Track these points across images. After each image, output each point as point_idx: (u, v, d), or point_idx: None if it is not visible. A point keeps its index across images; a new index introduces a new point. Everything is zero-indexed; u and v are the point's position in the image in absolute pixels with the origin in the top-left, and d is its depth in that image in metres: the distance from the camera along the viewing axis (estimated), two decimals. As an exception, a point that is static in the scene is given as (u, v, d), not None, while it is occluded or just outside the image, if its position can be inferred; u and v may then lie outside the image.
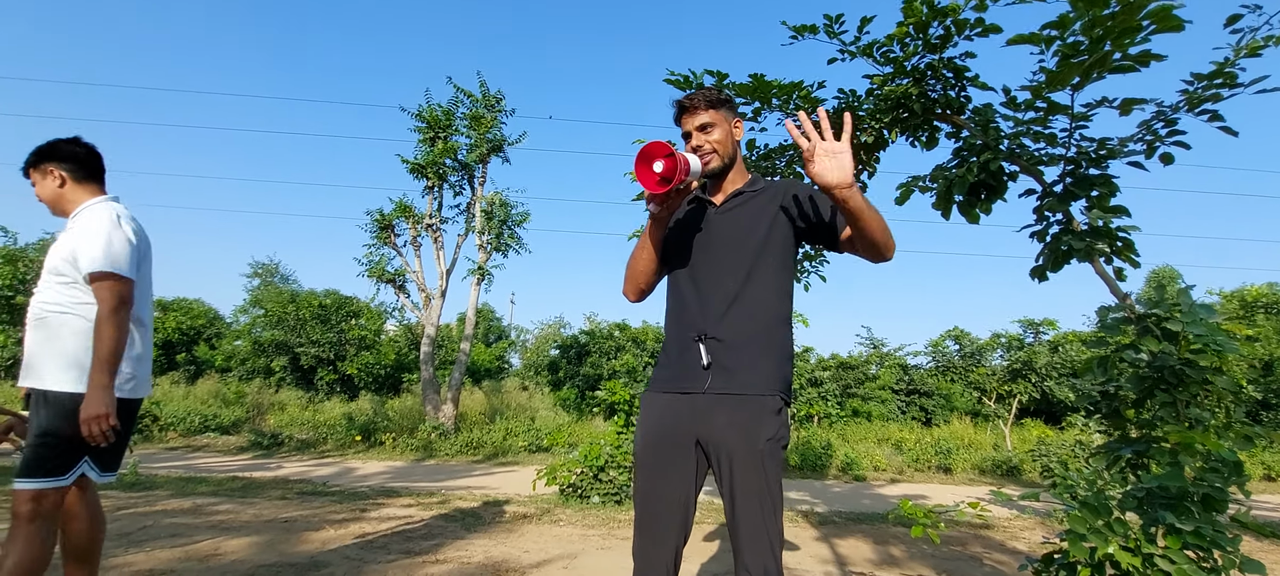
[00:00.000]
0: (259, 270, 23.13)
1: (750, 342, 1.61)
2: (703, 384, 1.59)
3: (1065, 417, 13.88)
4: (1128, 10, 1.99)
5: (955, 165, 2.79)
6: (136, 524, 4.00)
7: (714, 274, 1.69)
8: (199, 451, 9.81)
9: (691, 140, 1.75)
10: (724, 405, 1.57)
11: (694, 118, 1.74)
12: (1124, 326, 2.36)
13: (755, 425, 1.55)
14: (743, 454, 1.53)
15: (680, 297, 1.74)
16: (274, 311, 16.49)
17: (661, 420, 1.65)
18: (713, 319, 1.63)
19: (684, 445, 1.61)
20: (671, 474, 1.61)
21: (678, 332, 1.70)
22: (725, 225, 1.72)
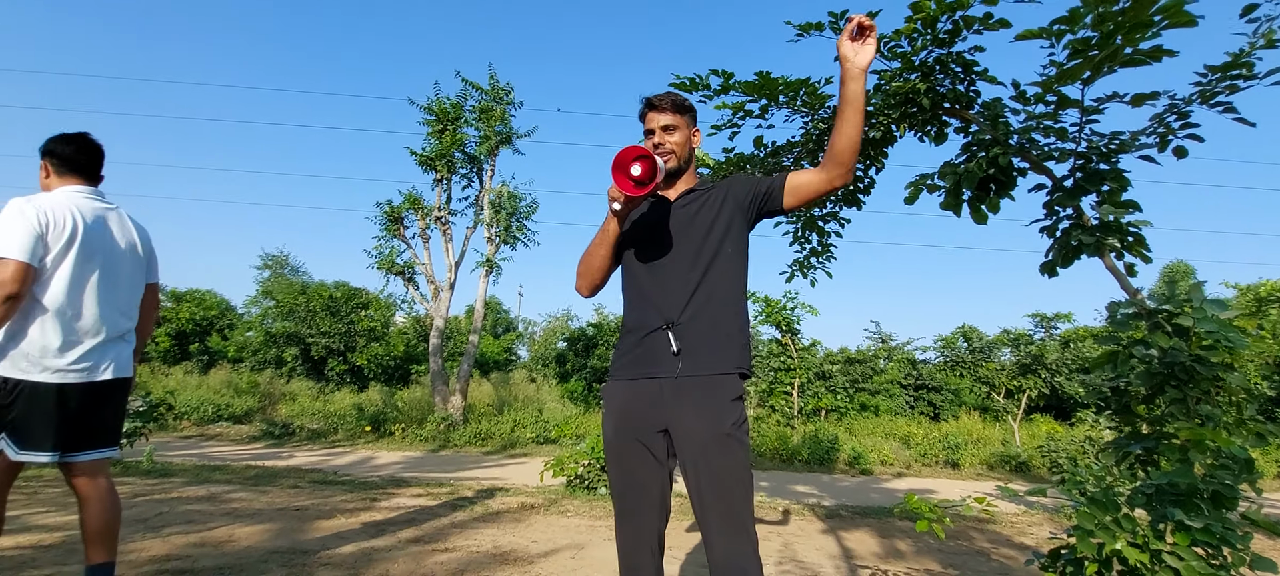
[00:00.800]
0: (269, 262, 23.32)
1: (714, 327, 1.70)
2: (674, 369, 1.66)
3: (1075, 414, 13.81)
4: (1139, 5, 1.98)
5: (964, 160, 2.78)
6: (153, 510, 4.07)
7: (675, 265, 1.76)
8: (212, 440, 9.94)
9: (653, 138, 1.84)
10: (692, 389, 1.65)
11: (660, 117, 1.84)
12: (1135, 322, 2.35)
13: (722, 408, 1.63)
14: (709, 436, 1.60)
15: (641, 289, 1.80)
16: (285, 303, 16.63)
17: (628, 407, 1.72)
18: (678, 307, 1.71)
19: (652, 431, 1.68)
20: (643, 459, 1.68)
21: (640, 321, 1.77)
22: (683, 219, 1.80)
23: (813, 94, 3.27)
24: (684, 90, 3.39)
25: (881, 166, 3.73)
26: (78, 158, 2.34)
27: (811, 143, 3.67)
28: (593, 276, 1.86)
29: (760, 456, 10.10)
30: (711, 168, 4.02)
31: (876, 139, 3.40)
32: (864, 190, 3.95)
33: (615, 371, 1.80)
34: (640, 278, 1.81)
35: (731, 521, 1.59)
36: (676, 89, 3.40)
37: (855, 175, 3.87)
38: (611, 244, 1.80)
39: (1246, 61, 2.31)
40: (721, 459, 1.59)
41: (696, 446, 1.61)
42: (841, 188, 1.74)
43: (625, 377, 1.76)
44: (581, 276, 1.87)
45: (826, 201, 4.12)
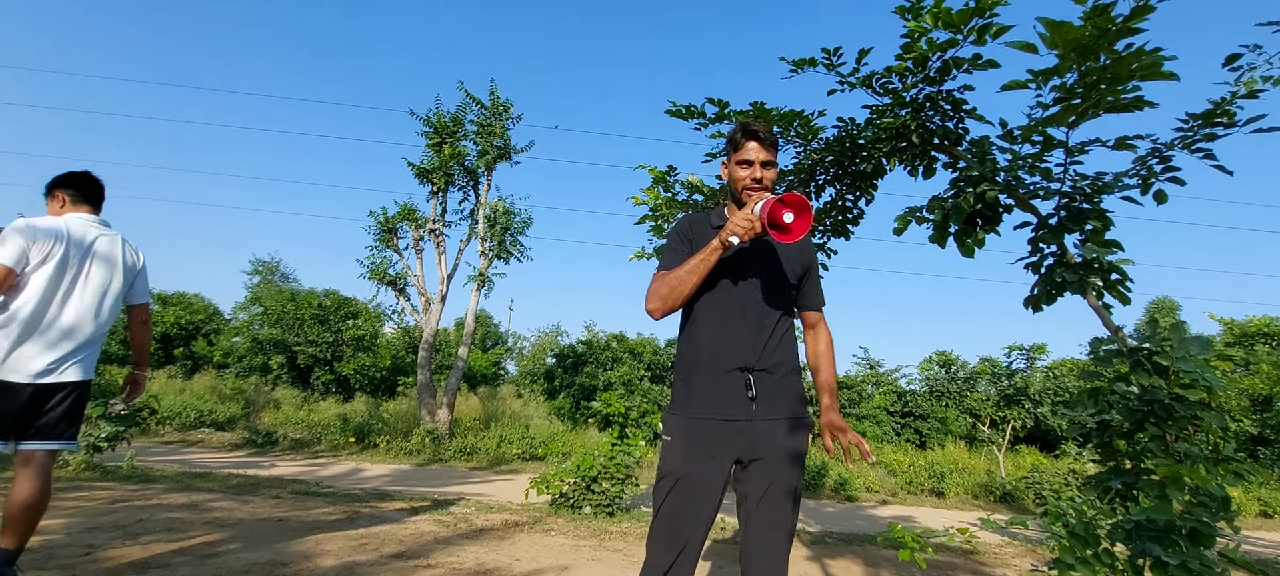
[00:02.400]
0: (260, 267, 23.18)
1: (788, 375, 1.80)
2: (749, 412, 1.73)
3: (1060, 445, 13.89)
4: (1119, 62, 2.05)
5: (953, 195, 2.85)
6: (133, 516, 4.01)
7: (752, 309, 1.80)
8: (193, 446, 9.80)
9: (753, 171, 1.82)
10: (772, 428, 1.74)
11: (763, 152, 1.82)
12: (1116, 359, 2.40)
13: (799, 443, 1.76)
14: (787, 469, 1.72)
15: (717, 330, 1.80)
16: (273, 310, 16.51)
17: (704, 444, 1.73)
18: (757, 353, 1.76)
19: (723, 467, 1.73)
20: (708, 492, 1.72)
21: (715, 362, 1.77)
22: (764, 264, 1.85)
23: (806, 125, 3.34)
24: (678, 117, 3.45)
25: (871, 198, 3.80)
26: (88, 190, 2.78)
27: (804, 172, 3.73)
28: (674, 303, 1.79)
29: (747, 479, 10.10)
30: (704, 194, 4.06)
31: (867, 171, 3.47)
32: (853, 221, 4.02)
33: (686, 405, 1.79)
34: (716, 315, 1.81)
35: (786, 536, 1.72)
36: (671, 115, 3.47)
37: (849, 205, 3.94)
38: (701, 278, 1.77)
39: (1227, 110, 2.39)
40: (790, 479, 1.73)
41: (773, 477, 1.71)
42: None
43: (696, 415, 1.76)
44: (661, 299, 1.80)
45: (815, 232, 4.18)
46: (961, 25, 2.60)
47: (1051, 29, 2.07)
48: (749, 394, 1.73)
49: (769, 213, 1.62)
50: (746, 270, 1.83)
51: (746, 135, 1.82)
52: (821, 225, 4.11)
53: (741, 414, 1.72)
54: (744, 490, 1.74)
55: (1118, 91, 2.15)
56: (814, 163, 3.63)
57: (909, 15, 2.79)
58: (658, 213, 4.16)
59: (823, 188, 3.85)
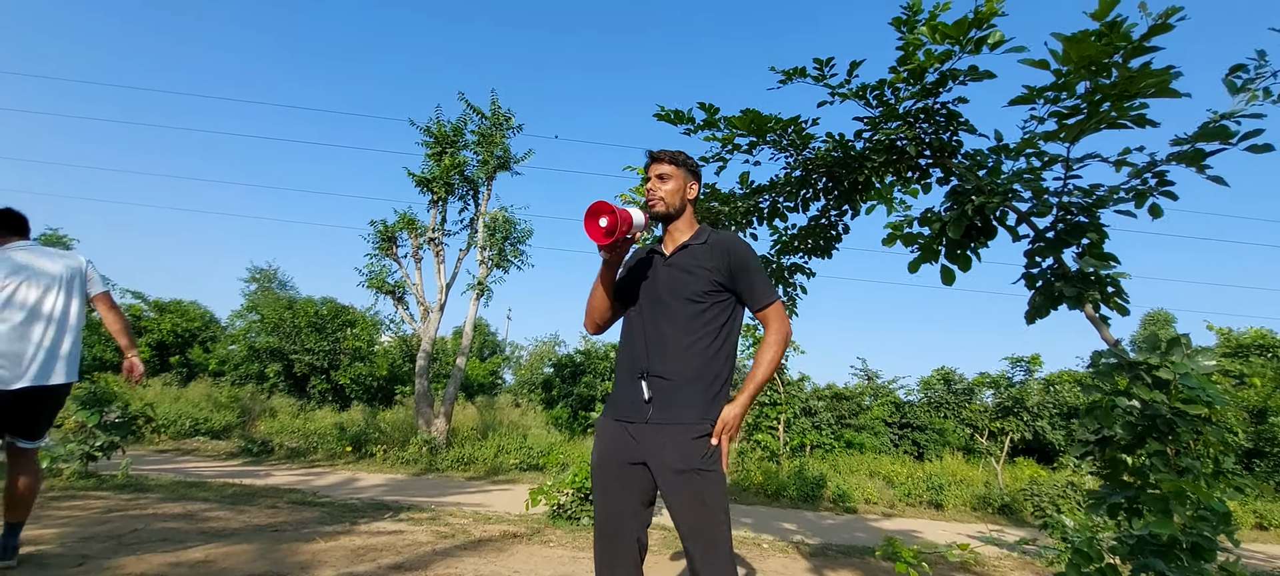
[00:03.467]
0: (257, 275, 23.13)
1: (686, 382, 1.84)
2: (644, 415, 1.83)
3: (1058, 457, 13.88)
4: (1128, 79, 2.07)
5: (948, 208, 2.85)
6: (128, 526, 3.98)
7: (656, 318, 1.92)
8: (188, 454, 9.74)
9: (648, 183, 2.03)
10: (662, 433, 1.80)
11: (657, 166, 2.03)
12: (1116, 372, 2.40)
13: (690, 447, 1.78)
14: (682, 473, 1.76)
15: (629, 336, 1.99)
16: (270, 318, 16.44)
17: (612, 442, 1.89)
18: (654, 359, 1.87)
19: (631, 463, 1.84)
20: (622, 487, 1.85)
21: (625, 367, 1.95)
22: (669, 275, 1.96)
23: (800, 132, 3.34)
24: (668, 122, 3.46)
25: (857, 212, 3.80)
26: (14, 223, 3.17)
27: (793, 183, 3.73)
28: (594, 316, 2.04)
29: (745, 491, 10.04)
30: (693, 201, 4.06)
31: (859, 184, 3.47)
32: (836, 238, 4.01)
33: (606, 408, 2.00)
34: (631, 325, 2.00)
35: (712, 554, 1.73)
36: (660, 119, 3.48)
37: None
38: (605, 289, 1.98)
39: (1221, 128, 2.40)
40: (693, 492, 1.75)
41: (671, 483, 1.78)
42: None
43: (610, 416, 1.95)
44: (587, 314, 2.06)
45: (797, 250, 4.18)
46: (959, 37, 2.61)
47: (1066, 44, 2.08)
48: (644, 397, 1.84)
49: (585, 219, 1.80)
50: (652, 282, 1.99)
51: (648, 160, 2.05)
52: (804, 244, 4.09)
53: (636, 416, 1.85)
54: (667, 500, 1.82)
55: (1124, 108, 2.16)
56: (805, 173, 3.63)
57: (904, 27, 2.81)
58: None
59: (811, 200, 3.84)
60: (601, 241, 1.79)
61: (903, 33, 2.82)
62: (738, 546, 5.20)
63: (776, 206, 3.84)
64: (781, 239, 4.12)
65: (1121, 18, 2.06)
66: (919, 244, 2.85)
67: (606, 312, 2.03)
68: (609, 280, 1.97)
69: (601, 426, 1.97)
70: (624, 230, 1.78)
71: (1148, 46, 2.07)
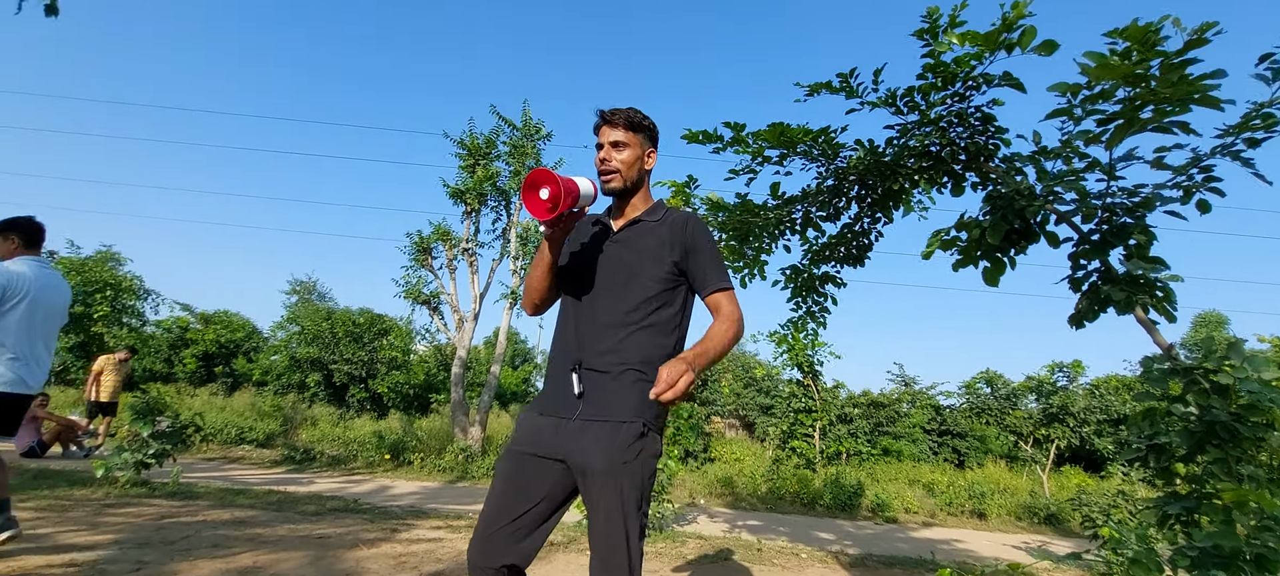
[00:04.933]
0: (298, 287, 23.84)
1: (624, 375, 1.62)
2: (574, 411, 1.62)
3: (1106, 465, 13.38)
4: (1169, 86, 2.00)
5: (988, 214, 2.78)
6: (180, 533, 4.12)
7: (599, 303, 1.70)
8: (235, 463, 10.04)
9: (600, 152, 1.78)
10: (590, 430, 1.58)
11: (611, 132, 1.76)
12: (1170, 378, 2.31)
13: (618, 447, 1.55)
14: (604, 473, 1.53)
15: (565, 322, 1.75)
16: (310, 328, 16.90)
17: (530, 434, 1.67)
18: (591, 349, 1.65)
19: (549, 461, 1.62)
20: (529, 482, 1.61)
21: (558, 358, 1.72)
22: (619, 253, 1.74)
23: (830, 143, 3.30)
24: (696, 142, 3.44)
25: (891, 220, 3.74)
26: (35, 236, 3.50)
27: (825, 193, 3.69)
28: (532, 296, 1.83)
29: (780, 500, 9.93)
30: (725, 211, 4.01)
31: (893, 191, 3.42)
32: (868, 247, 3.95)
33: (534, 401, 1.77)
34: (568, 310, 1.77)
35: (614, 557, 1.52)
36: (689, 141, 3.46)
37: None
38: (546, 268, 1.74)
39: (1268, 114, 2.30)
40: (610, 494, 1.53)
41: (590, 479, 1.56)
42: None
43: (535, 410, 1.71)
44: (525, 295, 1.85)
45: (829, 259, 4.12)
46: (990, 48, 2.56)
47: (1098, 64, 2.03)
48: (576, 391, 1.62)
49: (524, 188, 1.61)
50: (595, 265, 1.75)
51: (599, 119, 1.79)
52: (835, 253, 4.04)
53: (567, 411, 1.62)
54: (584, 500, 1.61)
55: (1162, 112, 2.10)
56: (838, 182, 3.59)
57: (928, 36, 2.76)
58: None
59: (844, 209, 3.79)
60: (543, 216, 1.57)
61: (927, 41, 2.78)
62: (774, 557, 5.14)
63: (809, 216, 3.80)
64: (813, 248, 4.08)
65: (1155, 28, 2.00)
66: (959, 249, 2.79)
67: (546, 292, 1.80)
68: (551, 258, 1.73)
69: (522, 420, 1.72)
70: (568, 203, 1.56)
71: (1185, 60, 2.01)
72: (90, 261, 12.11)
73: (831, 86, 2.99)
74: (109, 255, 12.51)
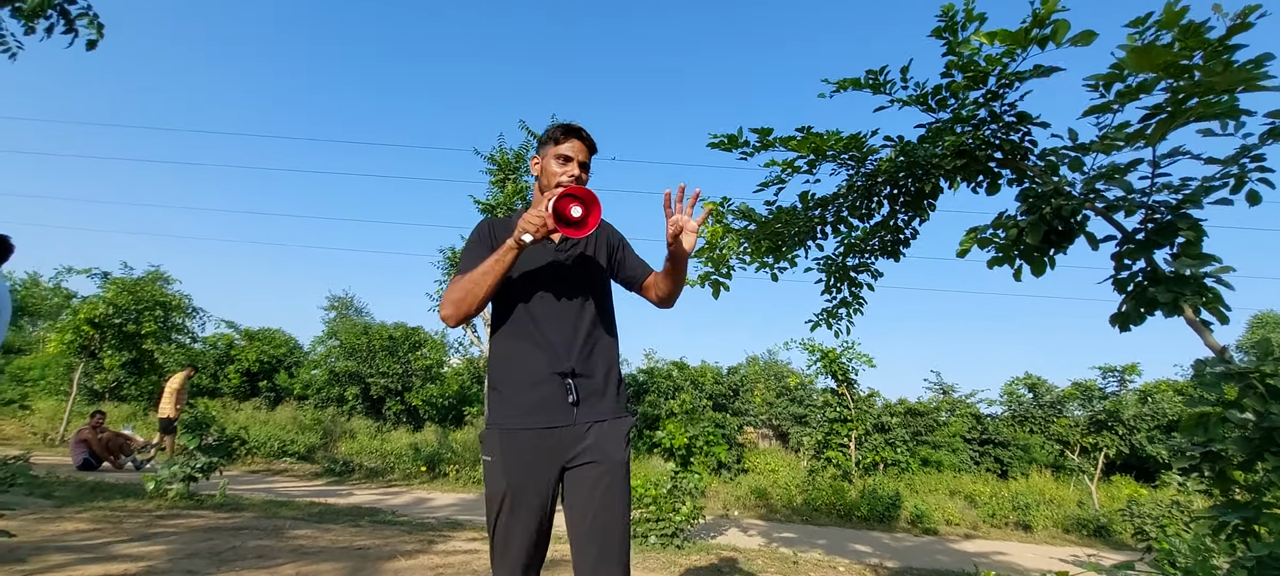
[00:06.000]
0: (335, 303, 24.45)
1: (607, 376, 1.79)
2: (570, 417, 1.69)
3: (1159, 474, 12.83)
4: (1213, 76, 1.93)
5: (1026, 213, 2.71)
6: (226, 543, 4.25)
7: (564, 311, 1.77)
8: (278, 475, 10.32)
9: (572, 168, 1.82)
10: (593, 430, 1.71)
11: (584, 152, 1.86)
12: (1223, 382, 2.22)
13: (619, 442, 1.72)
14: (613, 469, 1.68)
15: (529, 334, 1.74)
16: (348, 343, 17.30)
17: (528, 454, 1.67)
18: (574, 355, 1.73)
19: (550, 480, 1.68)
20: (537, 507, 1.66)
21: (530, 370, 1.71)
22: (571, 266, 1.83)
23: (861, 147, 3.26)
24: (721, 149, 3.42)
25: (926, 218, 3.67)
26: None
27: (854, 194, 3.64)
28: (471, 305, 1.69)
29: (816, 511, 9.76)
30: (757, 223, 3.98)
31: (926, 190, 3.35)
32: (904, 243, 3.88)
33: (505, 416, 1.71)
34: (526, 319, 1.75)
35: (621, 543, 1.65)
36: (714, 147, 3.45)
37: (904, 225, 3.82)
38: (500, 276, 1.67)
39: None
40: (617, 487, 1.67)
41: (597, 479, 1.66)
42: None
43: (518, 426, 1.68)
44: (454, 304, 1.69)
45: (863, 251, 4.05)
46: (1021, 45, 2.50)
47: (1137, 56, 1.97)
48: (570, 399, 1.69)
49: (556, 206, 1.60)
50: (557, 271, 1.79)
51: (567, 133, 1.84)
52: (869, 245, 3.97)
53: (562, 419, 1.68)
54: (572, 496, 1.67)
55: (1208, 103, 2.02)
56: (869, 184, 3.53)
57: (947, 33, 2.71)
58: (713, 245, 4.13)
59: (877, 208, 3.74)
60: (564, 231, 1.60)
61: (947, 39, 2.73)
62: (812, 570, 5.05)
63: (841, 216, 3.76)
64: (846, 240, 4.02)
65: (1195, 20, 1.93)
66: (996, 247, 2.72)
67: (486, 302, 1.72)
68: (509, 268, 1.68)
69: (504, 442, 1.68)
70: (594, 223, 1.62)
71: (1228, 45, 1.94)
72: (141, 281, 12.61)
73: (860, 83, 2.96)
74: (158, 275, 13.03)
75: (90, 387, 15.27)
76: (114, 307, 11.98)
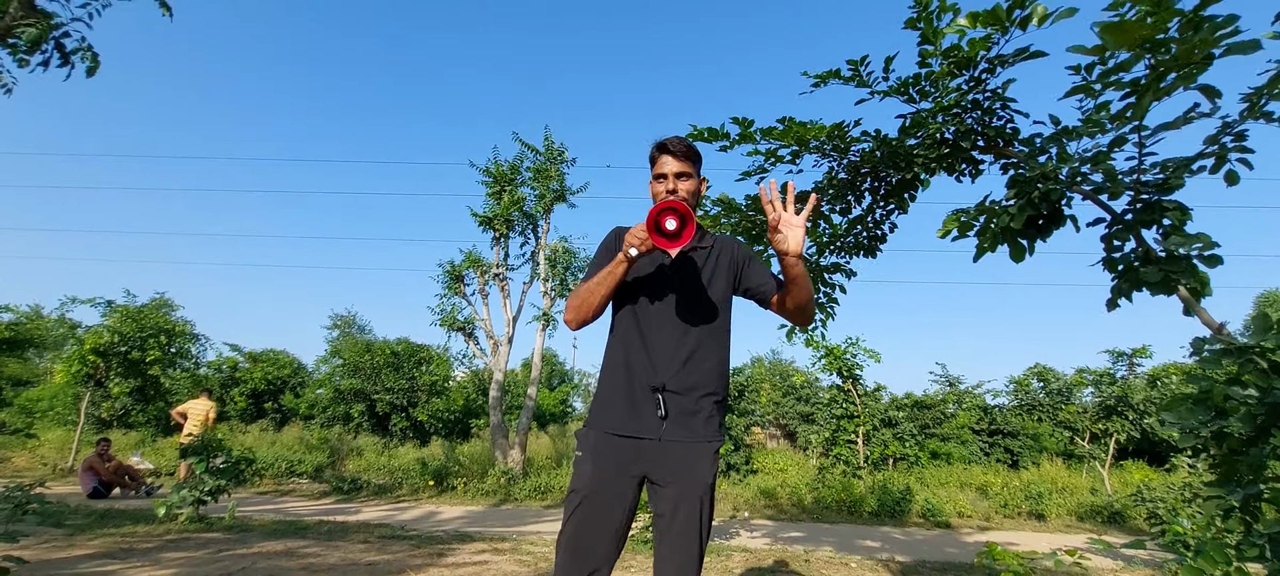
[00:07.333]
0: (338, 322, 24.52)
1: (703, 396, 1.75)
2: (657, 431, 1.71)
3: (1171, 458, 12.76)
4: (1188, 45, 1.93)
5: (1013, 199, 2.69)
6: (237, 565, 4.25)
7: (670, 326, 1.78)
8: (286, 495, 10.32)
9: (666, 183, 1.84)
10: (676, 449, 1.71)
11: (676, 163, 1.85)
12: (1222, 360, 2.20)
13: (704, 466, 1.71)
14: (691, 493, 1.68)
15: (634, 345, 1.80)
16: (351, 360, 17.32)
17: (614, 459, 1.73)
18: (670, 371, 1.74)
19: (631, 484, 1.72)
20: (617, 514, 1.70)
21: (629, 379, 1.77)
22: (681, 279, 1.82)
23: (844, 137, 3.25)
24: (702, 140, 3.42)
25: (906, 210, 3.65)
26: None
27: (834, 186, 3.62)
28: (587, 313, 1.79)
29: (826, 509, 9.72)
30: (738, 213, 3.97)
31: (907, 181, 3.34)
32: (882, 238, 3.86)
33: (599, 421, 1.78)
34: (634, 332, 1.81)
35: (692, 567, 1.68)
36: (694, 139, 3.45)
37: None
38: (614, 286, 1.75)
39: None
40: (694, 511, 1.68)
41: (675, 500, 1.68)
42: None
43: (609, 431, 1.75)
44: (574, 309, 1.81)
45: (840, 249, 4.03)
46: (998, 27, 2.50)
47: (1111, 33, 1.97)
48: (659, 413, 1.71)
49: (651, 220, 1.63)
50: (667, 285, 1.82)
51: (659, 150, 1.87)
52: (845, 243, 3.95)
53: (650, 432, 1.71)
54: (656, 510, 1.73)
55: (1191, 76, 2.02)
56: (851, 175, 3.52)
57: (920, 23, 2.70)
58: None
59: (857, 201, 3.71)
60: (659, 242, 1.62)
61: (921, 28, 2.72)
62: (824, 567, 5.03)
63: (820, 210, 3.74)
64: (819, 240, 4.00)
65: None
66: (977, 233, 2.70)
67: (601, 309, 1.80)
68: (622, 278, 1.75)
69: (596, 442, 1.75)
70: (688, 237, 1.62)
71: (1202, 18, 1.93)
72: (145, 309, 12.66)
73: (841, 75, 2.95)
74: (162, 302, 13.08)
75: (98, 416, 15.31)
76: (119, 335, 12.03)
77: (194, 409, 9.97)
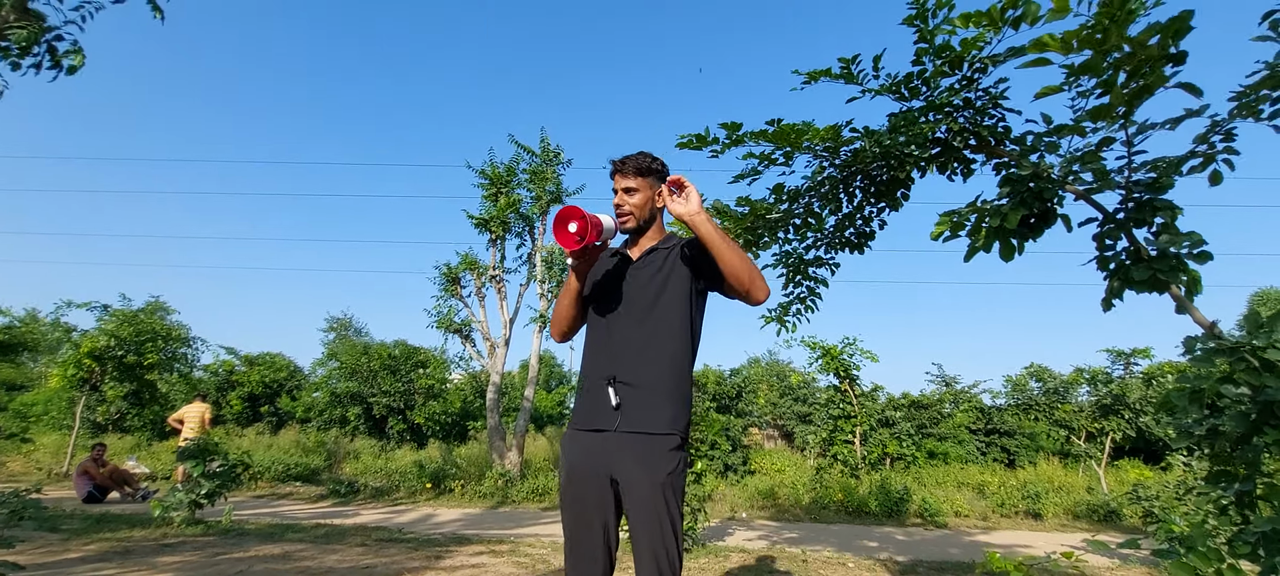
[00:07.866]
0: (335, 324, 24.45)
1: (654, 387, 1.80)
2: (613, 423, 1.78)
3: (1166, 456, 12.79)
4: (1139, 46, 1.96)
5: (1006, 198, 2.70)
6: (233, 568, 4.24)
7: (624, 323, 1.88)
8: (283, 499, 10.29)
9: (615, 198, 1.99)
10: (629, 442, 1.76)
11: (623, 180, 1.98)
12: (1217, 357, 2.22)
13: (656, 460, 1.74)
14: (645, 486, 1.71)
15: (595, 343, 1.93)
16: (348, 363, 17.27)
17: (582, 458, 1.82)
18: (622, 364, 1.82)
19: (602, 478, 1.77)
20: (593, 507, 1.77)
21: (591, 374, 1.88)
22: (637, 279, 1.92)
23: (837, 138, 3.25)
24: (690, 148, 3.41)
25: (898, 207, 3.65)
26: None
27: (825, 186, 3.62)
28: (561, 323, 1.99)
29: (825, 509, 9.73)
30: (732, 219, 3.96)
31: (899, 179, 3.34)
32: (870, 235, 3.86)
33: (572, 420, 1.92)
34: (597, 331, 1.94)
35: (654, 564, 1.70)
36: (682, 146, 3.45)
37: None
38: (574, 296, 1.94)
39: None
40: (650, 506, 1.71)
41: (633, 495, 1.73)
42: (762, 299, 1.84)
43: (577, 428, 1.87)
44: (555, 324, 2.00)
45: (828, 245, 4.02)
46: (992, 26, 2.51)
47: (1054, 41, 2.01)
48: (613, 404, 1.78)
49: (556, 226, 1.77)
50: (627, 285, 1.93)
51: (612, 171, 2.00)
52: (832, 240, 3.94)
53: (606, 423, 1.79)
54: (625, 509, 1.77)
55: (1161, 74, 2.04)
56: (842, 175, 3.52)
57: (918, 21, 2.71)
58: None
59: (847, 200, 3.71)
60: (571, 247, 1.76)
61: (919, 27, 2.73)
62: (821, 567, 5.04)
63: (811, 209, 3.73)
64: (804, 235, 3.99)
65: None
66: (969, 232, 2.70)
67: (573, 320, 1.98)
68: (578, 287, 1.93)
69: (568, 439, 1.89)
70: (593, 237, 1.75)
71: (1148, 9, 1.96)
72: (141, 312, 12.62)
73: (832, 73, 2.95)
74: (158, 306, 13.04)
75: (93, 420, 15.24)
76: (115, 339, 11.99)
77: (190, 413, 9.95)
